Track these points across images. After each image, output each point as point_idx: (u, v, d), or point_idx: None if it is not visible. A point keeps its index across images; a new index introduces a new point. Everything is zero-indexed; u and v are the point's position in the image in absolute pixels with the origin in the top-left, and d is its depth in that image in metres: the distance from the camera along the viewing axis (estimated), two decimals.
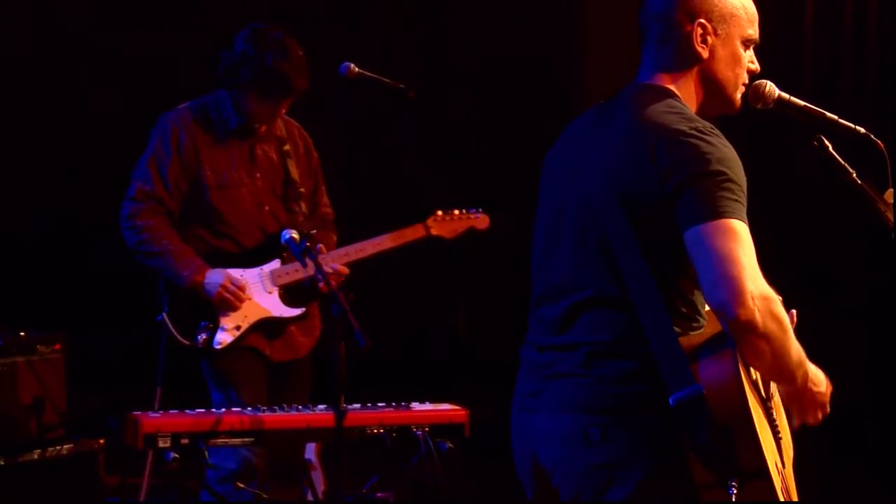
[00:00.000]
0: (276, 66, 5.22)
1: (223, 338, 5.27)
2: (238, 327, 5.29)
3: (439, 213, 5.65)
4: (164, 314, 5.26)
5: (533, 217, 3.24)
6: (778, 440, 3.05)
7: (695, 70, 3.14)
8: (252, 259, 5.35)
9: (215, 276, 5.24)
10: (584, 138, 3.14)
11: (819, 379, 3.07)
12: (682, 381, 2.85)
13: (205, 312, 5.26)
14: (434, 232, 5.63)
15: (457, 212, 5.67)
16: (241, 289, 5.27)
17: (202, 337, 5.25)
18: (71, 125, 6.78)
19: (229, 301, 5.25)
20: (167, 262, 5.22)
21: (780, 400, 3.15)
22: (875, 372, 6.42)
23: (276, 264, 5.37)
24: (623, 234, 2.95)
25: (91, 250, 6.59)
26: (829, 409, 3.11)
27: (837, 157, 3.29)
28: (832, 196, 6.29)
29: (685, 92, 3.13)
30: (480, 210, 5.72)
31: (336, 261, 5.40)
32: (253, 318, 5.32)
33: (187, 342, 5.25)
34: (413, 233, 5.60)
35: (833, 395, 3.13)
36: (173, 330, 5.25)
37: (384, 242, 5.52)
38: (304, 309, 5.40)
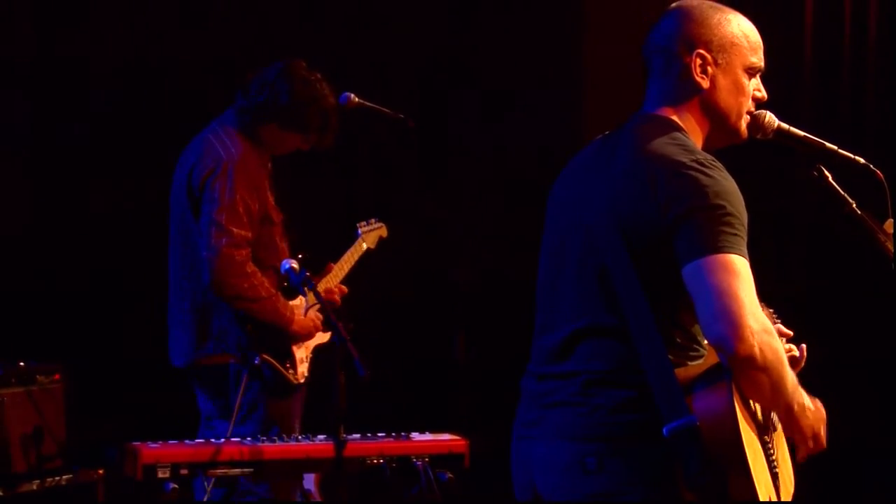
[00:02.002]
0: (328, 105, 5.28)
1: (303, 369, 5.23)
2: (306, 357, 5.25)
3: (362, 223, 5.74)
4: (264, 355, 5.08)
5: (535, 247, 3.24)
6: (775, 474, 3.04)
7: (696, 100, 3.13)
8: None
9: (301, 310, 5.18)
10: (588, 169, 3.15)
11: (812, 403, 3.07)
12: (677, 412, 2.85)
13: (281, 349, 5.17)
14: (368, 244, 5.72)
15: (371, 221, 5.78)
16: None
17: (292, 373, 5.17)
18: (71, 155, 6.77)
19: (316, 332, 5.23)
20: (272, 306, 5.07)
21: (782, 434, 3.15)
22: (877, 406, 6.41)
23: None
24: (622, 264, 2.95)
25: (91, 280, 6.58)
26: (825, 438, 3.10)
27: (837, 187, 3.30)
28: (832, 226, 6.33)
29: (689, 123, 3.13)
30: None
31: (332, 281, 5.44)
32: (312, 345, 5.29)
33: (293, 380, 5.15)
34: (359, 248, 5.67)
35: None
36: (281, 368, 5.13)
37: (351, 259, 5.59)
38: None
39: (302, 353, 5.23)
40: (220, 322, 5.14)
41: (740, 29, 3.16)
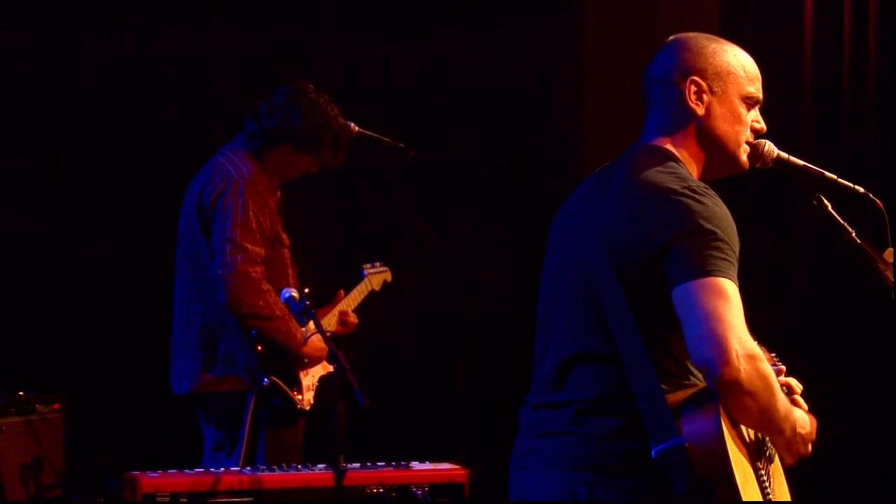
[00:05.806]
0: (339, 126, 5.33)
1: (309, 397, 5.21)
2: (312, 385, 5.24)
3: (367, 265, 5.74)
4: (272, 377, 5.07)
5: (536, 276, 3.24)
6: (767, 501, 3.02)
7: (692, 128, 3.13)
8: None
9: (308, 334, 5.09)
10: (585, 200, 3.16)
11: (805, 421, 3.07)
12: (665, 434, 2.85)
13: (289, 375, 5.16)
14: (373, 286, 5.72)
15: (377, 264, 5.78)
16: None
17: (299, 398, 5.17)
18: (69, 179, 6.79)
19: (324, 357, 5.19)
20: (285, 326, 5.06)
21: (779, 466, 3.14)
22: (875, 432, 6.40)
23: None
24: (613, 291, 2.96)
25: (91, 309, 6.59)
26: (812, 443, 3.09)
27: (836, 216, 3.30)
28: (831, 255, 6.34)
29: (686, 152, 3.13)
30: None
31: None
32: (318, 375, 5.26)
33: (300, 405, 5.15)
34: (365, 287, 5.69)
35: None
36: (289, 392, 5.12)
37: (357, 298, 5.61)
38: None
39: (309, 380, 5.22)
40: (229, 345, 5.13)
41: (737, 59, 3.17)
